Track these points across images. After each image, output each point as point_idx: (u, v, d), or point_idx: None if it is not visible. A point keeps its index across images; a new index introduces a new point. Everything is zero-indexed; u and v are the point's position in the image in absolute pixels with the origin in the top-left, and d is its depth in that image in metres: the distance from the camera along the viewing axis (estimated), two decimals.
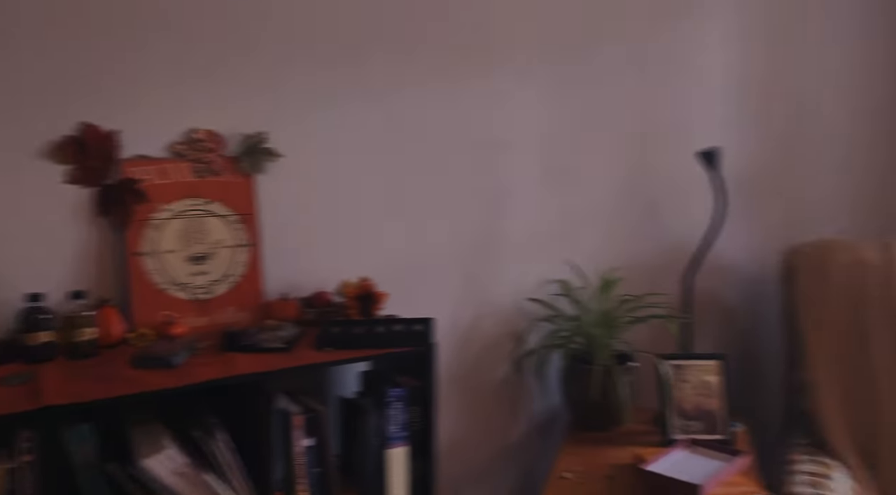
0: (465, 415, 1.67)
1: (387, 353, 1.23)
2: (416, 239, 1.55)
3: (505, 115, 1.61)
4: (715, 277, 1.95)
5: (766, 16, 1.90)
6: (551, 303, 1.69)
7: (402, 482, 1.28)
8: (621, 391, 1.54)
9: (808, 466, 1.52)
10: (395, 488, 1.27)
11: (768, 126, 1.96)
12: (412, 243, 1.55)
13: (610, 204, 1.77)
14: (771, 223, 2.02)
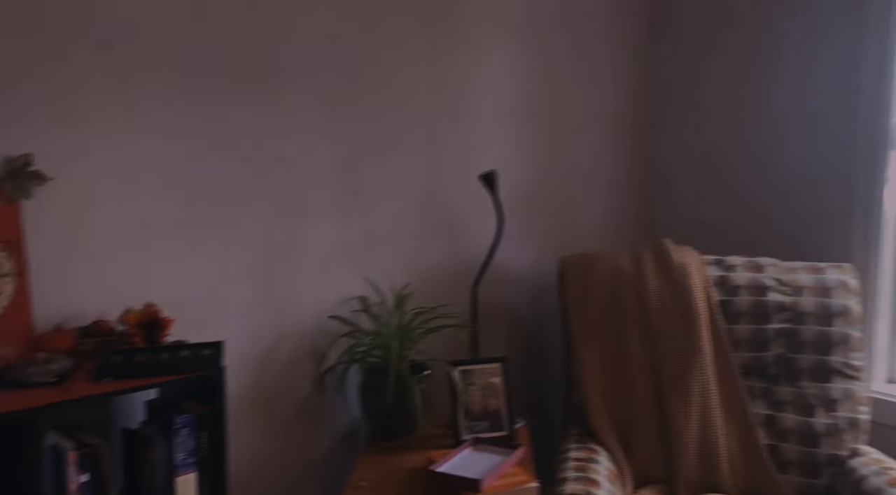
0: (267, 437, 1.68)
1: (173, 380, 1.22)
2: (209, 262, 1.54)
3: (299, 139, 1.65)
4: (504, 287, 2.13)
5: (537, 53, 2.12)
6: (351, 319, 1.76)
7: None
8: (415, 399, 1.63)
9: (577, 453, 1.72)
10: None
11: (544, 153, 2.19)
12: (206, 266, 1.54)
13: (405, 224, 1.88)
14: (550, 237, 2.25)
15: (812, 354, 1.84)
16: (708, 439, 1.79)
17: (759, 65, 2.24)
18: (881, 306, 2.08)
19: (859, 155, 2.05)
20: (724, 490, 1.76)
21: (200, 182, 1.51)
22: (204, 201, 1.52)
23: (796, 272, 1.93)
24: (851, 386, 1.82)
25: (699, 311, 1.88)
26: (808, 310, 1.85)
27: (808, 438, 1.78)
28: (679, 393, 1.83)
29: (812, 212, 2.16)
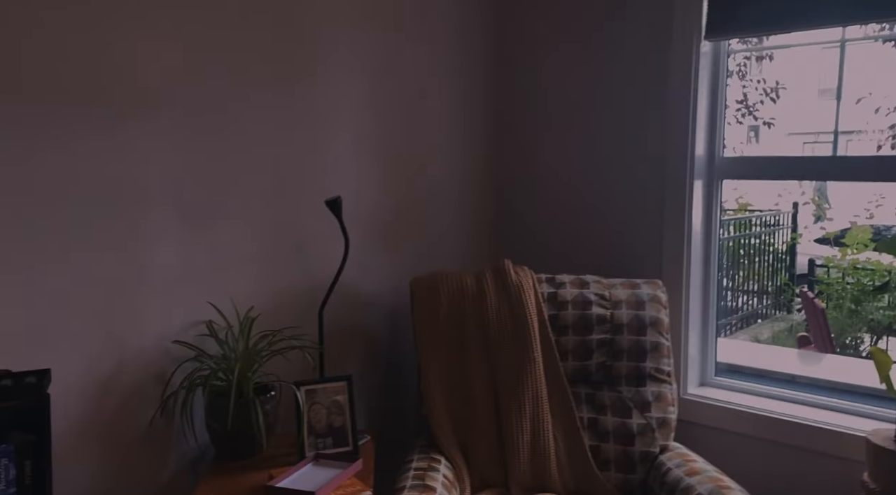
0: (108, 464, 1.65)
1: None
2: (41, 288, 1.52)
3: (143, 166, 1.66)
4: (359, 309, 2.22)
5: (386, 86, 2.24)
6: (196, 344, 1.78)
7: None
8: (260, 420, 1.68)
9: (418, 462, 1.83)
10: None
11: (396, 180, 2.30)
12: (38, 293, 1.51)
13: (255, 249, 1.92)
14: (404, 260, 2.36)
15: (628, 361, 2.06)
16: (539, 443, 1.96)
17: (586, 109, 2.48)
18: (691, 318, 2.35)
19: (669, 184, 2.32)
20: (554, 489, 1.93)
21: (30, 204, 1.49)
22: (34, 224, 1.50)
23: (615, 288, 2.15)
24: (662, 389, 2.05)
25: (532, 325, 2.05)
26: (625, 321, 2.08)
27: (625, 438, 1.98)
28: (514, 401, 1.98)
29: (631, 234, 2.42)
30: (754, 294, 6.27)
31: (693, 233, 2.32)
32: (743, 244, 6.21)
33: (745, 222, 6.34)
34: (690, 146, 2.28)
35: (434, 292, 2.11)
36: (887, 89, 6.37)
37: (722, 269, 6.05)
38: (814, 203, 6.68)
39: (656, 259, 2.37)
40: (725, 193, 2.34)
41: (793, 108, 8.46)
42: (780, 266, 6.38)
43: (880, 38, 5.89)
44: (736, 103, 7.09)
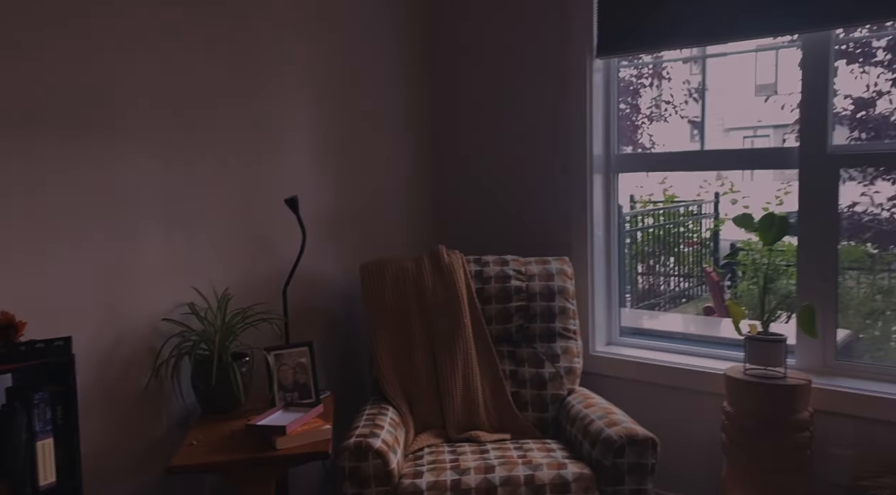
0: (112, 422, 2.01)
1: (32, 365, 1.56)
2: (58, 276, 1.87)
3: (133, 171, 2.03)
4: (319, 291, 2.62)
5: (331, 91, 2.65)
6: (182, 321, 2.15)
7: (51, 466, 1.61)
8: (238, 379, 2.05)
9: (370, 410, 2.24)
10: (46, 472, 1.60)
11: (349, 178, 2.71)
12: (55, 280, 1.87)
13: (228, 241, 2.30)
14: (357, 248, 2.77)
15: (541, 323, 2.50)
16: (469, 391, 2.39)
17: (505, 117, 2.93)
18: (597, 289, 2.82)
19: (573, 178, 2.78)
20: (482, 428, 2.36)
21: (45, 210, 1.85)
22: (49, 226, 1.86)
23: (530, 264, 2.60)
24: (569, 344, 2.50)
25: (462, 298, 2.48)
26: (537, 291, 2.52)
27: (539, 384, 2.43)
28: (448, 359, 2.41)
29: (545, 220, 2.87)
30: (683, 277, 6.85)
31: (595, 218, 2.79)
32: (672, 232, 6.78)
33: (672, 212, 6.90)
34: (589, 146, 2.75)
35: (380, 274, 2.52)
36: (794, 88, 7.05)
37: (650, 255, 6.59)
38: (731, 192, 7.29)
39: (566, 240, 2.82)
40: (653, 186, 2.80)
41: (731, 106, 9.10)
42: (706, 251, 6.99)
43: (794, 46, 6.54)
44: (664, 103, 7.69)
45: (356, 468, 1.92)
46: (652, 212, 6.57)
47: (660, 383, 2.62)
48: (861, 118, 4.57)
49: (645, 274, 6.57)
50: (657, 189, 6.69)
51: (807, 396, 2.18)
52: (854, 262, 4.20)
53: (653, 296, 6.28)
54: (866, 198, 4.16)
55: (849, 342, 3.09)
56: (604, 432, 2.04)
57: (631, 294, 6.35)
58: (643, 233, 6.54)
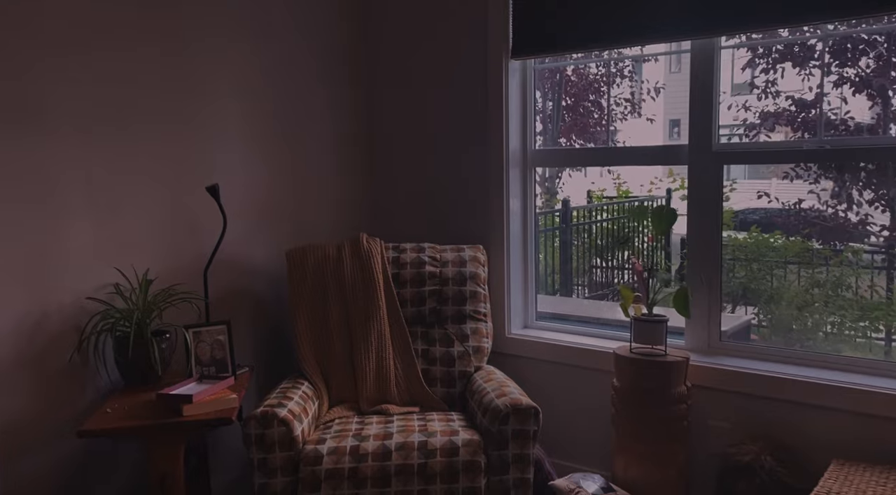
0: (35, 394, 2.16)
1: None
2: None
3: (57, 159, 2.18)
4: (248, 275, 2.78)
5: (263, 80, 2.80)
6: (107, 300, 2.31)
7: None
8: (156, 354, 2.21)
9: (285, 384, 2.41)
10: None
11: (280, 166, 2.87)
12: None
13: (155, 225, 2.45)
14: (286, 234, 2.93)
15: (453, 306, 2.69)
16: (381, 368, 2.57)
17: (431, 113, 3.11)
18: (513, 277, 3.01)
19: (491, 172, 2.96)
20: (393, 401, 2.54)
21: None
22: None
23: (445, 251, 2.78)
24: (478, 326, 2.69)
25: (378, 282, 2.66)
26: (450, 276, 2.71)
27: (448, 362, 2.62)
28: (362, 338, 2.59)
29: (465, 212, 3.06)
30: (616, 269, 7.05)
31: (511, 209, 2.97)
32: (624, 226, 7.01)
33: (622, 206, 7.13)
34: (505, 141, 2.93)
35: (303, 259, 2.69)
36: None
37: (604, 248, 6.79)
38: (681, 188, 7.53)
39: (485, 231, 3.01)
40: (605, 182, 2.95)
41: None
42: (658, 244, 7.22)
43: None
44: (624, 102, 7.91)
45: (262, 435, 2.10)
46: (606, 205, 6.79)
47: (565, 362, 2.82)
48: (803, 119, 4.80)
49: (598, 267, 6.80)
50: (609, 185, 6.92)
51: (683, 372, 2.39)
52: (796, 257, 4.43)
53: (605, 287, 6.51)
54: (813, 195, 4.39)
55: (746, 326, 3.32)
56: (493, 402, 2.23)
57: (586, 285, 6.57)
58: (597, 227, 6.77)
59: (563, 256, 5.57)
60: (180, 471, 2.00)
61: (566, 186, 7.13)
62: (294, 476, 2.11)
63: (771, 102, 4.27)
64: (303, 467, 2.09)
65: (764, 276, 4.76)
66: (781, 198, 4.39)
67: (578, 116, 7.58)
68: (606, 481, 2.42)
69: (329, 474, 2.07)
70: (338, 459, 2.10)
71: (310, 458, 2.10)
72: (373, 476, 2.08)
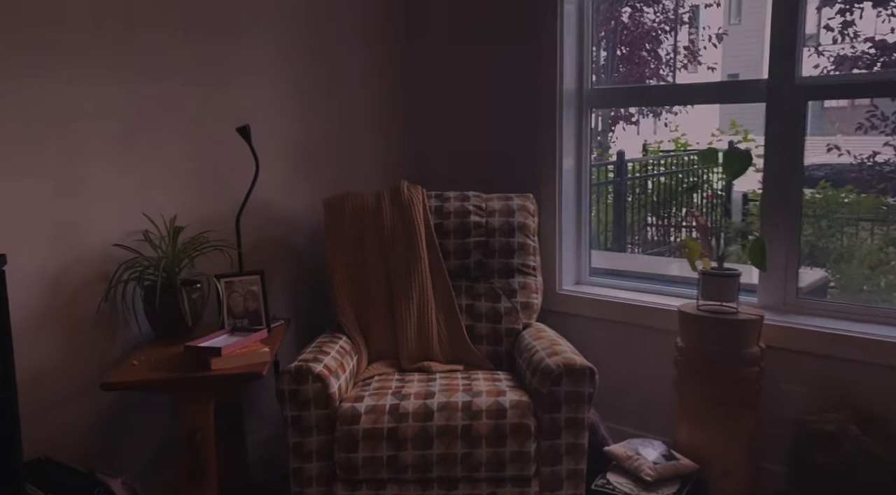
0: (63, 344, 2.07)
1: None
2: (4, 196, 1.92)
3: (81, 95, 2.05)
4: (285, 225, 2.64)
5: (302, 19, 2.61)
6: (135, 247, 2.19)
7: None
8: (186, 304, 2.09)
9: (322, 338, 2.27)
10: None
11: (315, 111, 2.69)
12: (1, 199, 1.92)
13: (186, 167, 2.31)
14: (323, 183, 2.77)
15: (500, 258, 2.49)
16: (423, 323, 2.41)
17: (476, 54, 2.87)
18: (565, 229, 2.79)
19: (543, 116, 2.72)
20: (436, 359, 2.38)
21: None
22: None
23: (492, 200, 2.57)
24: (527, 280, 2.49)
25: (420, 232, 2.48)
26: (497, 226, 2.51)
27: (494, 318, 2.43)
28: (402, 291, 2.42)
29: (516, 159, 2.84)
30: (692, 227, 6.72)
31: (564, 156, 2.74)
32: (682, 180, 6.63)
33: (681, 160, 6.74)
34: (559, 79, 2.68)
35: (340, 207, 2.53)
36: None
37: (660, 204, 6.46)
38: (745, 140, 7.09)
39: (535, 179, 2.79)
40: (662, 133, 2.71)
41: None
42: (717, 201, 6.84)
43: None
44: (683, 50, 7.43)
45: (296, 391, 1.97)
46: (664, 157, 6.43)
47: (622, 320, 2.61)
48: (883, 62, 4.35)
49: (653, 224, 6.48)
50: (666, 136, 6.54)
51: (757, 331, 2.15)
52: (868, 213, 4.07)
53: (660, 245, 6.21)
54: (889, 148, 4.01)
55: (824, 283, 3.03)
56: (544, 361, 2.04)
57: (640, 242, 6.28)
58: (653, 182, 6.43)
59: (617, 211, 5.30)
60: (211, 427, 1.89)
61: (619, 141, 6.76)
62: (330, 435, 1.98)
63: (848, 45, 3.86)
64: (339, 426, 1.96)
65: (833, 234, 4.41)
66: (853, 151, 4.02)
67: (634, 66, 7.14)
68: (668, 448, 2.22)
69: (367, 434, 1.93)
70: (376, 418, 1.96)
71: (347, 417, 1.96)
72: (413, 437, 1.93)
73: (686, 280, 2.68)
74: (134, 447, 2.25)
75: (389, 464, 1.93)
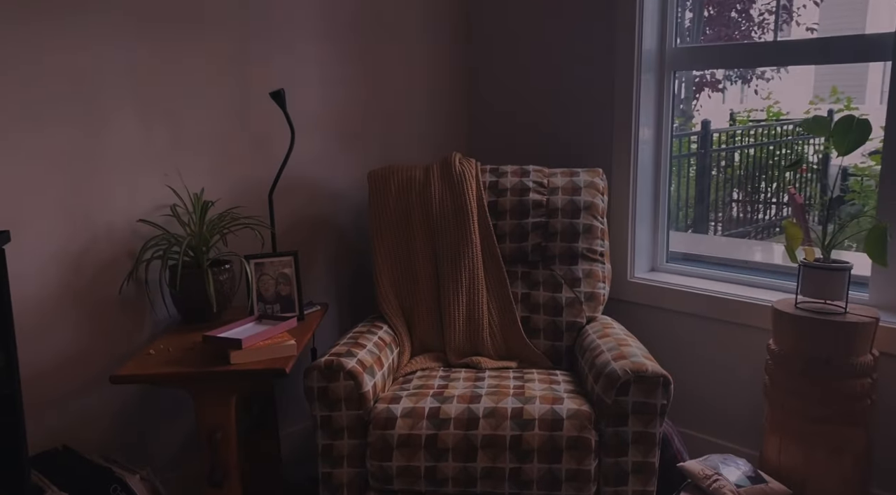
0: (88, 328, 1.94)
1: None
2: (9, 164, 1.77)
3: (100, 51, 1.87)
4: (327, 199, 2.43)
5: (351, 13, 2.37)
6: (161, 223, 2.03)
7: None
8: (211, 287, 1.92)
9: (360, 328, 2.06)
10: None
11: (361, 76, 2.45)
12: (7, 169, 1.77)
13: (217, 135, 2.12)
14: (370, 155, 2.54)
15: (562, 242, 2.20)
16: (473, 313, 2.15)
17: (542, 10, 2.55)
18: (639, 208, 2.45)
19: (619, 77, 2.38)
20: (486, 354, 2.13)
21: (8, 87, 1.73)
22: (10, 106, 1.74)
23: (555, 176, 2.27)
24: (593, 267, 2.19)
25: (471, 211, 2.21)
26: (560, 205, 2.21)
27: (554, 310, 2.15)
28: (451, 277, 2.17)
29: (585, 128, 2.51)
30: (783, 204, 6.17)
31: (641, 125, 2.39)
32: (771, 153, 6.07)
33: (773, 130, 6.18)
34: (637, 37, 2.33)
35: (386, 183, 2.29)
36: None
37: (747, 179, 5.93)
38: (847, 108, 6.42)
39: (606, 151, 2.46)
40: (752, 101, 2.34)
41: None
42: (813, 175, 6.23)
43: None
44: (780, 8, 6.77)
45: (325, 389, 1.76)
46: (755, 127, 5.87)
47: (704, 314, 2.28)
48: None
49: (737, 200, 5.96)
50: (756, 104, 5.97)
51: (870, 336, 1.79)
52: None
53: (745, 224, 5.70)
54: None
55: None
56: (609, 366, 1.75)
57: (722, 221, 5.78)
58: (741, 155, 5.91)
59: (700, 187, 4.85)
60: (232, 425, 1.71)
61: (703, 110, 6.21)
62: (363, 438, 1.77)
63: None
64: (372, 430, 1.74)
65: None
66: None
67: (721, 28, 6.54)
68: (753, 468, 1.90)
69: (402, 441, 1.71)
70: (413, 423, 1.73)
71: (381, 420, 1.74)
72: (455, 447, 1.70)
73: (779, 269, 2.31)
74: (162, 438, 2.12)
75: (427, 477, 1.70)
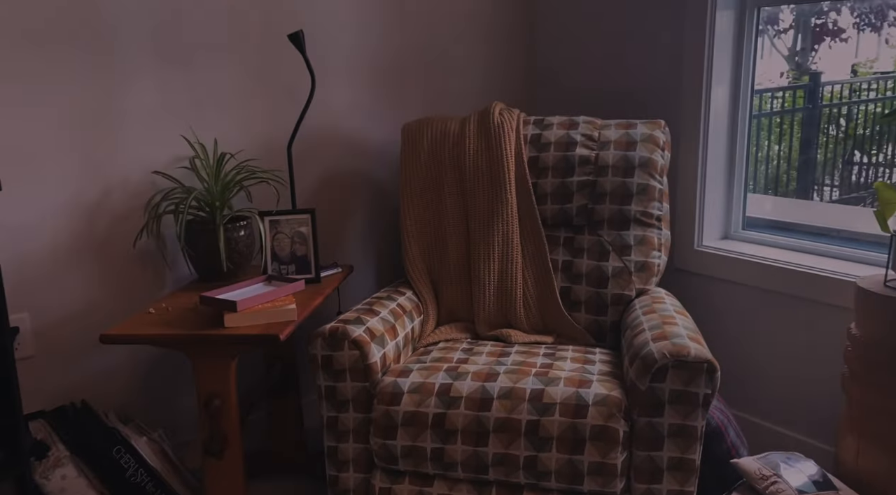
0: (105, 279, 1.89)
1: None
2: (19, 115, 1.72)
3: (123, 14, 1.78)
4: (366, 157, 2.28)
5: None
6: (177, 176, 1.94)
7: None
8: (222, 245, 1.81)
9: (381, 293, 1.90)
10: None
11: (399, 19, 2.25)
12: (15, 120, 1.72)
13: (241, 81, 2.00)
14: (409, 107, 2.35)
15: (612, 204, 1.94)
16: (506, 282, 1.95)
17: None
18: (710, 167, 2.14)
19: (689, 17, 2.06)
20: (519, 327, 1.93)
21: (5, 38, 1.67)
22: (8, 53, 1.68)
23: (608, 128, 2.00)
24: (647, 233, 1.92)
25: (508, 168, 1.99)
26: (611, 162, 1.94)
27: (598, 280, 1.91)
28: (482, 241, 1.97)
29: (647, 73, 2.21)
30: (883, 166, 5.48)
31: (715, 70, 2.07)
32: (860, 112, 5.37)
33: (860, 87, 5.46)
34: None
35: (419, 137, 2.09)
36: None
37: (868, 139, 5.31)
38: None
39: (673, 101, 2.15)
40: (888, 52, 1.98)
41: None
42: None
43: None
44: None
45: (329, 358, 1.62)
46: (878, 79, 5.20)
47: (779, 290, 1.97)
48: None
49: (857, 163, 5.33)
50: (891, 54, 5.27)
51: None
52: None
53: (860, 189, 5.10)
54: None
55: None
56: (646, 346, 1.51)
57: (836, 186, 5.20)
58: (859, 112, 5.26)
59: (805, 146, 4.34)
60: (231, 392, 1.61)
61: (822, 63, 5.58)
62: (369, 412, 1.63)
63: None
64: (376, 404, 1.59)
65: None
66: None
67: None
68: (822, 471, 1.61)
69: (407, 418, 1.55)
70: (421, 400, 1.56)
71: (386, 395, 1.59)
72: (465, 429, 1.52)
73: (879, 239, 1.95)
74: (183, 400, 2.07)
75: (434, 458, 1.54)
